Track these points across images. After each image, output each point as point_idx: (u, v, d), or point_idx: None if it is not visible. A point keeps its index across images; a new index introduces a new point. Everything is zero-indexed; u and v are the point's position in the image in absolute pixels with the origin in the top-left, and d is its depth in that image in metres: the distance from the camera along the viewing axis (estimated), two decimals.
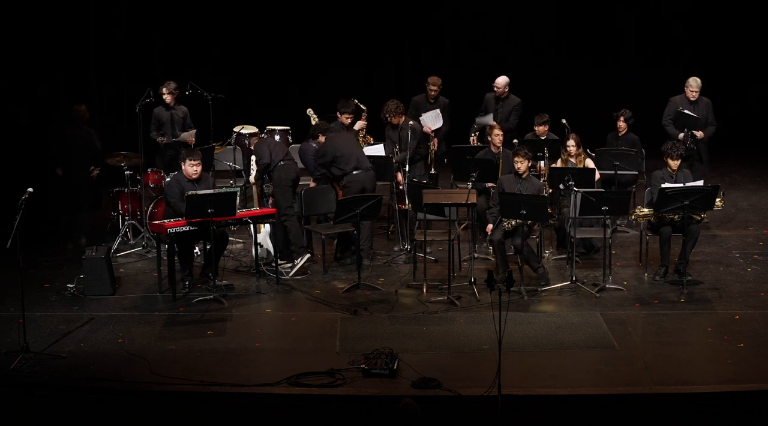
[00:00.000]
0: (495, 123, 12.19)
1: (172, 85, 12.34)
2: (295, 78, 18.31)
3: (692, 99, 12.67)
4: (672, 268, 10.53)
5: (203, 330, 9.30)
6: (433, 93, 13.01)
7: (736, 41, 18.19)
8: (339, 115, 11.76)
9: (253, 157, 11.23)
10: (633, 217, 10.73)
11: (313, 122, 11.80)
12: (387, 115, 12.05)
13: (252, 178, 11.28)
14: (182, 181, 10.38)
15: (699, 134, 12.33)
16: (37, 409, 7.93)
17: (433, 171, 12.54)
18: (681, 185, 10.31)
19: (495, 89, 13.32)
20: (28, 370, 8.30)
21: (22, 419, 7.87)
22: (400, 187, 11.67)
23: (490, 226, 10.48)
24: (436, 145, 12.61)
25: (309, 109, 12.16)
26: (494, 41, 18.46)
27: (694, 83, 12.70)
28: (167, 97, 12.32)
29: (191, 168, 10.36)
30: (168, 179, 11.24)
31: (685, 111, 12.47)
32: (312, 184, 11.57)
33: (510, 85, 13.48)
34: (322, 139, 11.28)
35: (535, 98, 18.18)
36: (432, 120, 12.67)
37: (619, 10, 18.30)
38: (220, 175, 13.33)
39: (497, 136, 11.70)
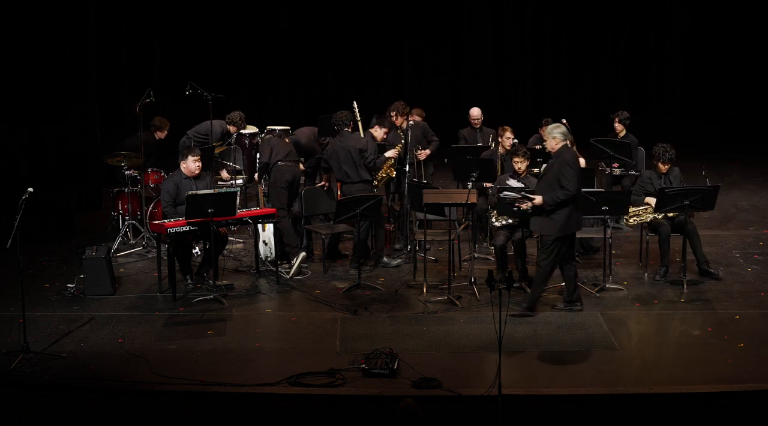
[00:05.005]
0: (507, 127, 11.99)
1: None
2: (294, 78, 18.34)
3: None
4: (689, 270, 10.49)
5: (203, 330, 9.29)
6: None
7: (737, 41, 18.22)
8: (377, 128, 11.34)
9: (258, 156, 11.27)
10: (624, 219, 10.67)
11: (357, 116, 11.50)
12: (394, 114, 11.78)
13: (256, 177, 11.30)
14: (179, 180, 10.37)
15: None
16: (37, 409, 7.93)
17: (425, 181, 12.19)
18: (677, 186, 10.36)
19: (473, 121, 12.88)
20: (28, 370, 8.29)
21: (22, 419, 7.87)
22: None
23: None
24: (424, 156, 12.09)
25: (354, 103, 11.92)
26: (494, 40, 18.50)
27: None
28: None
29: (194, 164, 10.37)
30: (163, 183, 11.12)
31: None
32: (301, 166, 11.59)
33: (508, 83, 13.48)
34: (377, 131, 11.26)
35: (534, 98, 18.27)
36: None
37: (620, 10, 18.34)
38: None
39: (508, 140, 11.72)
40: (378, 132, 11.31)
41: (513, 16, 18.38)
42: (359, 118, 11.42)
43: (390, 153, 11.29)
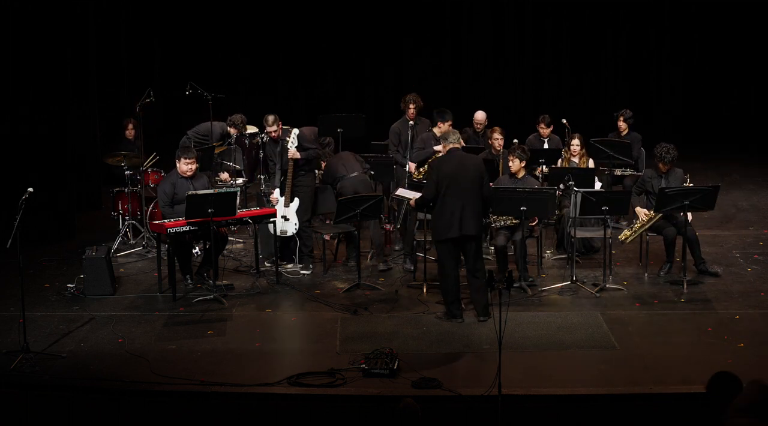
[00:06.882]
0: (496, 128, 12.01)
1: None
2: (294, 78, 18.33)
3: None
4: (689, 271, 10.48)
5: (203, 330, 9.29)
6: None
7: (737, 41, 18.21)
8: (440, 125, 11.29)
9: (296, 133, 10.84)
10: (621, 239, 10.64)
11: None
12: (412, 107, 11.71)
13: (293, 151, 10.77)
14: (176, 180, 10.37)
15: None
16: (37, 409, 7.93)
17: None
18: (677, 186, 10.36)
19: (476, 125, 12.90)
20: (28, 370, 8.29)
21: (22, 419, 7.87)
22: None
23: None
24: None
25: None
26: (494, 40, 18.48)
27: None
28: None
29: (185, 166, 10.38)
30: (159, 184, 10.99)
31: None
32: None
33: (508, 83, 13.44)
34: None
35: (534, 98, 18.26)
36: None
37: (620, 10, 18.33)
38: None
39: (497, 141, 11.75)
40: (444, 126, 11.17)
41: (513, 16, 18.36)
42: None
43: (439, 147, 10.89)
